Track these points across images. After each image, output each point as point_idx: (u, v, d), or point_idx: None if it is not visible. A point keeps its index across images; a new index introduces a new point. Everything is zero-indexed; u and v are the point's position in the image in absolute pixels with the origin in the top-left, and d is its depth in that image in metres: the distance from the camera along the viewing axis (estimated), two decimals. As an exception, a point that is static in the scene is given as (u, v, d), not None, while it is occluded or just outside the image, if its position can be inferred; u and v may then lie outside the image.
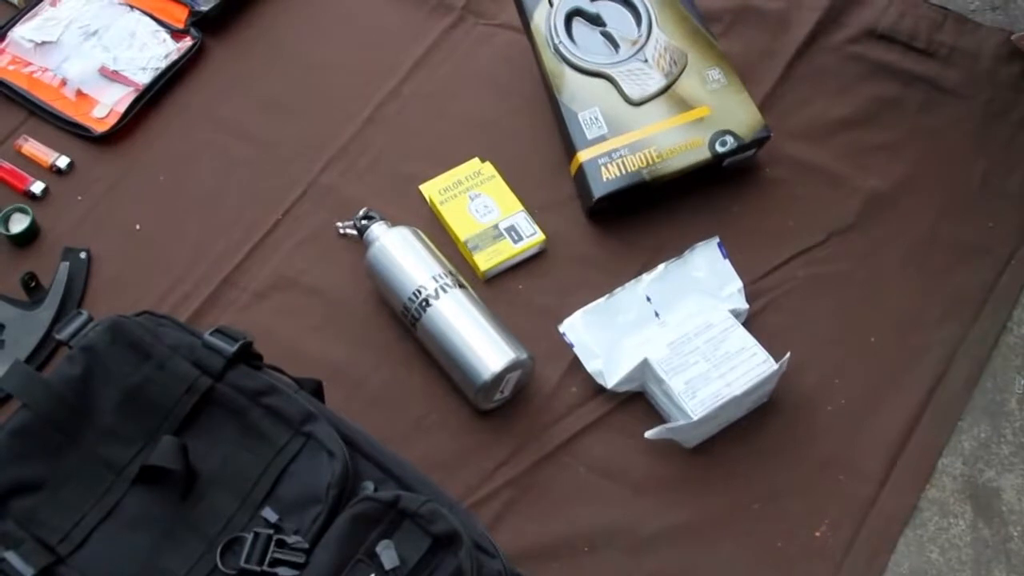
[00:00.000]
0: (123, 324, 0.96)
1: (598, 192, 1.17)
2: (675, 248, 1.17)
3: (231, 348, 0.95)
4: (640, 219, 1.22)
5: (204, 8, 1.41)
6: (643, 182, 1.17)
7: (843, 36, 1.35)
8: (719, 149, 1.18)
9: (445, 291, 1.11)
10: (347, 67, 1.37)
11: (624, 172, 1.17)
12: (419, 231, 1.17)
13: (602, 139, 1.19)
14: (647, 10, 1.25)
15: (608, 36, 1.24)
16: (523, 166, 1.26)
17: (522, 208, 1.21)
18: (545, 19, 1.25)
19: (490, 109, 1.32)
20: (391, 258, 1.14)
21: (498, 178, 1.24)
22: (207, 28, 1.41)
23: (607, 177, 1.17)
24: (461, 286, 1.12)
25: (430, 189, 1.24)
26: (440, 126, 1.31)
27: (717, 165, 1.20)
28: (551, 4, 1.25)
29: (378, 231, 1.17)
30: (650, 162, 1.17)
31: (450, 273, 1.13)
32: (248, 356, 0.97)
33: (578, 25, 1.25)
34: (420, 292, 1.11)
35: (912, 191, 1.24)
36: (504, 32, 1.37)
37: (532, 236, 1.20)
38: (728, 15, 1.37)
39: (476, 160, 1.26)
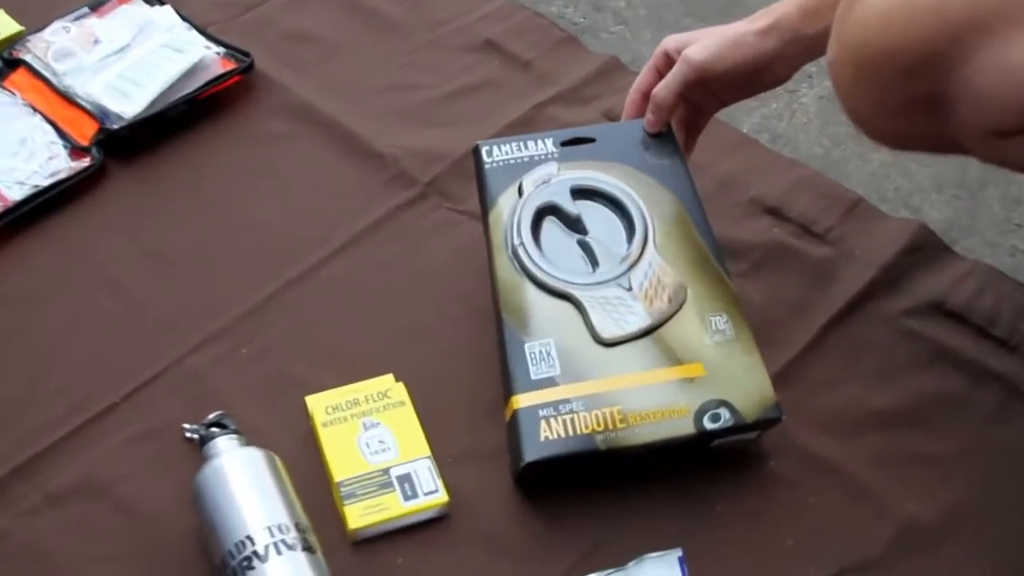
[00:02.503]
0: None
1: (530, 455, 0.84)
2: (622, 548, 0.84)
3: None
4: (584, 496, 0.89)
5: (114, 126, 1.14)
6: (595, 451, 0.85)
7: (900, 305, 1.04)
8: (708, 425, 0.86)
9: (279, 552, 0.78)
10: (266, 228, 1.09)
11: (571, 434, 0.85)
12: (276, 459, 0.85)
13: (550, 382, 0.87)
14: (645, 223, 0.95)
15: (587, 247, 0.95)
16: (447, 397, 0.95)
17: (428, 454, 0.89)
18: (510, 209, 0.96)
19: (426, 314, 1.01)
20: (225, 488, 0.82)
21: (408, 407, 0.92)
22: (114, 151, 1.14)
23: (546, 436, 0.85)
24: (307, 549, 0.79)
25: (316, 403, 0.92)
26: (357, 325, 1.01)
27: (702, 444, 0.88)
28: (520, 193, 0.96)
29: (222, 447, 0.85)
30: (610, 426, 0.85)
31: (298, 527, 0.80)
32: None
33: (550, 226, 0.96)
34: (245, 545, 0.78)
35: (963, 527, 0.90)
36: (470, 222, 1.07)
37: (432, 495, 0.87)
38: (756, 252, 1.07)
39: (389, 378, 0.94)
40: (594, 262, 0.94)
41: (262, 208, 1.11)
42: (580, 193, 0.97)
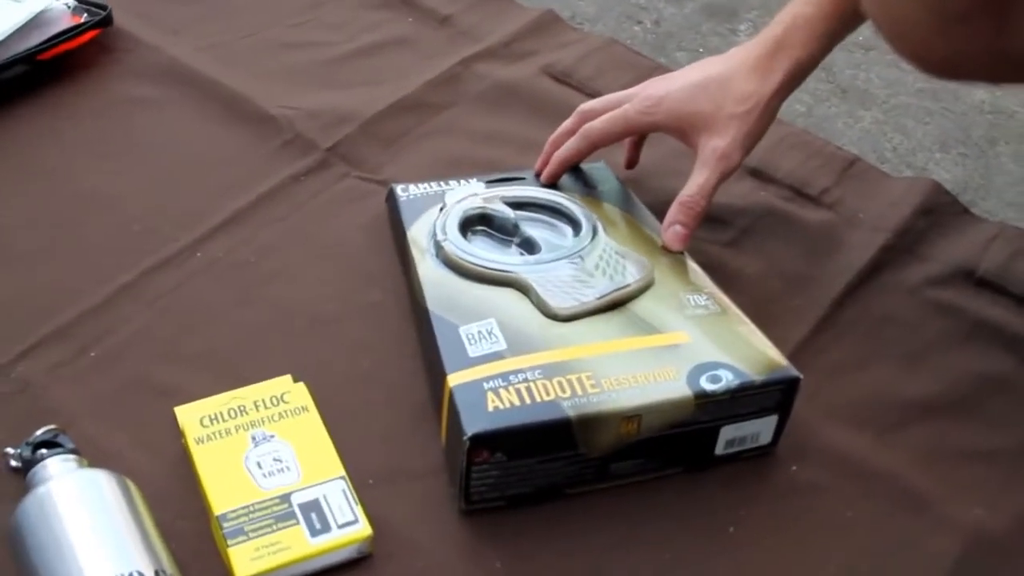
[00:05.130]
0: None
1: (473, 427, 0.62)
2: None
3: None
4: (555, 525, 0.66)
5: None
6: (564, 422, 0.63)
7: (923, 274, 0.85)
8: (708, 387, 0.65)
9: (130, 615, 0.54)
10: (122, 206, 0.86)
11: (528, 402, 0.63)
12: (131, 484, 0.62)
13: (496, 357, 0.66)
14: (592, 222, 0.78)
15: (528, 244, 0.77)
16: (363, 401, 0.72)
17: (343, 473, 0.66)
18: (431, 223, 0.78)
19: (331, 302, 0.79)
20: (53, 525, 0.58)
21: (313, 414, 0.69)
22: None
23: (495, 407, 0.63)
24: (172, 609, 0.55)
25: (189, 415, 0.69)
26: (243, 317, 0.78)
27: (703, 438, 0.67)
28: (443, 209, 0.79)
29: (52, 471, 0.61)
30: (579, 391, 0.64)
31: (158, 578, 0.56)
32: None
33: (480, 234, 0.79)
34: (80, 610, 0.54)
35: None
36: (384, 193, 0.85)
37: (350, 527, 0.63)
38: (742, 217, 0.87)
39: (287, 379, 0.71)
40: (533, 250, 0.76)
41: (118, 183, 0.87)
42: (515, 206, 0.79)
